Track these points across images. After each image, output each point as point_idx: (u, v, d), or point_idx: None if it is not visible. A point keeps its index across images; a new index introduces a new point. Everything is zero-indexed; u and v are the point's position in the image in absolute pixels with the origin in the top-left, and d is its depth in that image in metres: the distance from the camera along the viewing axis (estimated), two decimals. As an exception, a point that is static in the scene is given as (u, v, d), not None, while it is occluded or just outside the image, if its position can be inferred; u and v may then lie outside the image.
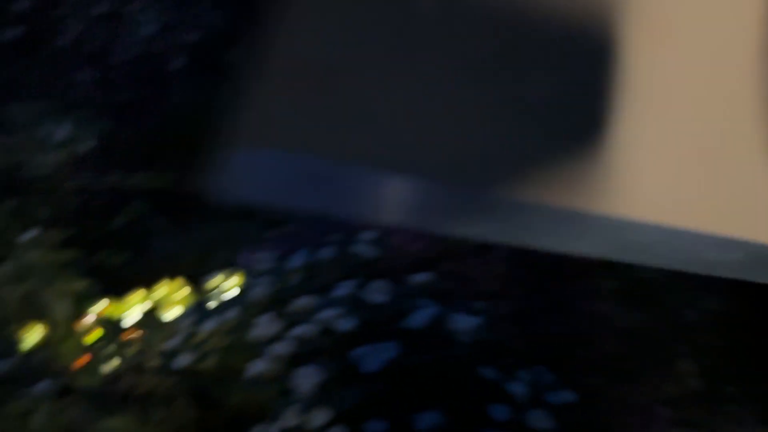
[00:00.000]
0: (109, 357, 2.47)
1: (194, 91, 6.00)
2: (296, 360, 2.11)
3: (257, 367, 2.12)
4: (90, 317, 3.13)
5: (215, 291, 3.32)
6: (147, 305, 3.52)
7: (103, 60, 5.71)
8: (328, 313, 2.16)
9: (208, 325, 2.45)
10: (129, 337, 2.81)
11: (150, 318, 3.06)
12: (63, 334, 2.65)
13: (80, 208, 4.30)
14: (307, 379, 2.01)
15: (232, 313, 2.46)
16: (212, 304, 2.96)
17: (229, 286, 3.15)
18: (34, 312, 2.70)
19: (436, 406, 1.97)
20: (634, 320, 3.27)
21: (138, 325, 2.94)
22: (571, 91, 0.53)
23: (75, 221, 4.21)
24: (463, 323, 2.07)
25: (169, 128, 5.47)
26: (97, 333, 2.82)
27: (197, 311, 2.74)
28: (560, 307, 3.07)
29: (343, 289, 2.28)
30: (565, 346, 2.89)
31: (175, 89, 5.94)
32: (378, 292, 2.25)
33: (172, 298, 3.74)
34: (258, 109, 0.51)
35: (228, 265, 3.83)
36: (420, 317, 2.09)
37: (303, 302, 2.33)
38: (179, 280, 3.80)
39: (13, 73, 5.56)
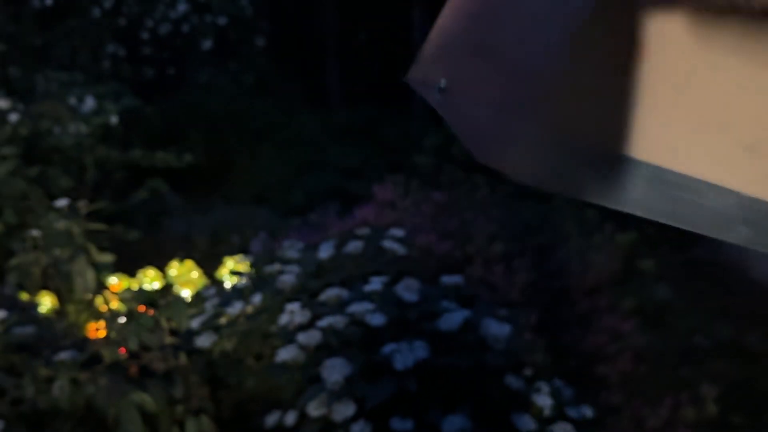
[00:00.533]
0: (129, 332, 2.46)
1: (218, 74, 5.98)
2: (323, 351, 2.10)
3: (283, 354, 2.11)
4: (110, 289, 3.12)
5: (231, 273, 3.31)
6: (164, 282, 3.52)
7: (133, 35, 5.68)
8: (358, 307, 2.14)
9: (234, 308, 2.43)
10: (147, 312, 2.80)
11: (169, 295, 3.05)
12: (85, 305, 2.64)
13: (100, 181, 4.29)
14: (334, 370, 1.99)
15: (257, 298, 2.44)
16: (230, 287, 2.95)
17: (244, 269, 3.14)
18: (57, 280, 2.68)
19: (463, 410, 1.95)
20: (648, 340, 3.27)
21: (157, 300, 2.93)
22: None
23: (94, 193, 4.20)
24: (495, 330, 2.06)
25: (194, 109, 5.45)
26: (117, 305, 2.81)
27: (220, 293, 2.72)
28: (580, 321, 3.06)
29: (374, 284, 2.27)
30: (585, 361, 2.88)
31: (199, 71, 5.91)
32: (408, 291, 2.24)
33: (188, 277, 3.73)
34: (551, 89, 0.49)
35: (243, 249, 3.83)
36: (452, 320, 2.08)
37: (331, 293, 2.31)
38: (191, 261, 3.79)
39: (42, 42, 5.53)
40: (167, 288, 3.30)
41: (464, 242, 3.01)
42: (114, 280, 3.52)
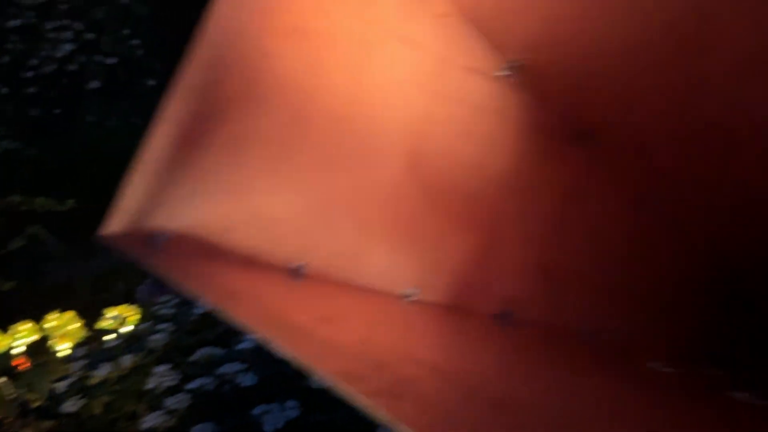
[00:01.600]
0: (-9, 396, 2.35)
1: (107, 114, 5.84)
2: (193, 414, 2.08)
3: (150, 420, 2.07)
4: (-27, 350, 2.96)
5: (109, 328, 3.21)
6: (36, 337, 3.37)
7: (15, 74, 5.47)
8: (229, 368, 2.14)
9: (103, 370, 2.37)
10: (16, 371, 2.68)
11: (39, 352, 2.93)
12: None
13: (-28, 229, 4.08)
14: (202, 435, 1.97)
15: (128, 359, 2.39)
16: (106, 343, 2.86)
17: (124, 323, 3.06)
18: None
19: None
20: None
21: (26, 359, 2.81)
22: None
23: (-35, 242, 3.98)
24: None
25: (78, 151, 5.29)
26: (-20, 368, 2.68)
27: (91, 352, 2.64)
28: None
29: (247, 342, 2.27)
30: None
31: (87, 111, 5.75)
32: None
33: (64, 331, 3.59)
34: None
35: (124, 301, 3.72)
36: (322, 378, 2.10)
37: (204, 353, 2.30)
38: (72, 313, 3.66)
39: None
40: (43, 343, 3.17)
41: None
42: (-16, 336, 3.34)
